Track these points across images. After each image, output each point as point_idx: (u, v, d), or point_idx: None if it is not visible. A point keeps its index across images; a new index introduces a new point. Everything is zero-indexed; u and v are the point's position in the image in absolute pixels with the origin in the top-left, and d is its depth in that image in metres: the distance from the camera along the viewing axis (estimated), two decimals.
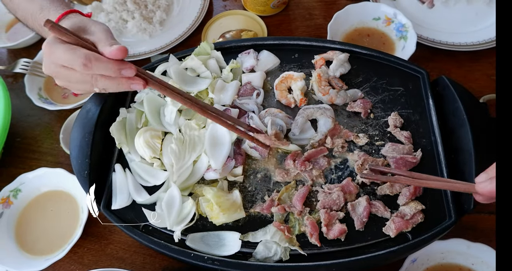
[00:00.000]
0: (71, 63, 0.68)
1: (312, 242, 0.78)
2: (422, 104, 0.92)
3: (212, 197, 0.79)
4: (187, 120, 0.90)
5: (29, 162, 1.16)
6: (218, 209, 0.78)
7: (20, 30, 1.38)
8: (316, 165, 0.85)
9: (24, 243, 1.00)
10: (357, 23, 1.22)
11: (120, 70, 0.68)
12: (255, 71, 0.99)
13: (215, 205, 0.78)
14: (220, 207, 0.78)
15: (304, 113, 0.90)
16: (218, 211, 0.78)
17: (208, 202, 0.80)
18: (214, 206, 0.78)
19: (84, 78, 0.70)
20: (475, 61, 1.17)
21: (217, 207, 0.78)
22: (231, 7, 1.40)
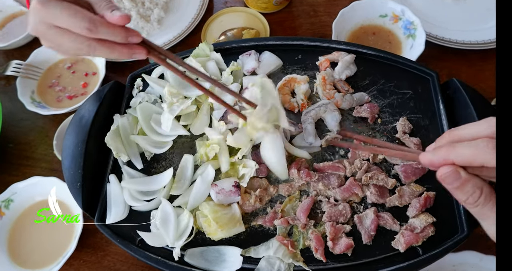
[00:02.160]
0: (71, 25, 0.61)
1: (317, 258, 0.74)
2: (432, 109, 0.87)
3: (209, 212, 0.75)
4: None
5: (23, 169, 1.12)
6: (215, 225, 0.74)
7: (12, 30, 1.33)
8: (326, 180, 0.81)
9: (17, 255, 0.97)
10: (363, 20, 1.17)
11: (128, 37, 0.63)
12: (257, 73, 0.94)
13: (213, 221, 0.74)
14: (217, 223, 0.74)
15: (310, 119, 0.86)
16: (216, 227, 0.74)
17: (205, 217, 0.76)
18: (211, 222, 0.74)
19: (79, 43, 0.62)
20: (486, 60, 1.12)
21: (215, 223, 0.74)
22: (232, 4, 1.34)
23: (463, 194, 0.47)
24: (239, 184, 0.79)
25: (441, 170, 0.47)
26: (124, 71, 1.24)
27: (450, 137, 0.50)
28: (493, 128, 0.46)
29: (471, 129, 0.48)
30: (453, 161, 0.47)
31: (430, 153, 0.49)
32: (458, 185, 0.46)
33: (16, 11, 1.37)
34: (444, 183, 0.47)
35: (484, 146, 0.44)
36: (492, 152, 0.43)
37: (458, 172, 0.46)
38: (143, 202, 0.82)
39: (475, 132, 0.47)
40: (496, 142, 0.44)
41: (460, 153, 0.46)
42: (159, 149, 0.87)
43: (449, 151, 0.47)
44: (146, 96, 0.93)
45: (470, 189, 0.46)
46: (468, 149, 0.45)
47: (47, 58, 1.22)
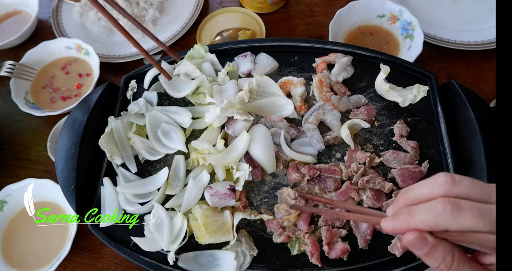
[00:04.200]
0: None
1: (313, 262, 0.73)
2: (430, 111, 0.86)
3: (200, 216, 0.74)
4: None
5: (17, 171, 1.11)
6: (204, 230, 0.73)
7: (6, 30, 1.32)
8: (322, 184, 0.80)
9: (11, 257, 0.96)
10: (361, 20, 1.16)
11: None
12: (253, 75, 0.93)
13: (202, 226, 0.73)
14: (206, 228, 0.73)
15: (312, 125, 0.84)
16: (205, 232, 0.73)
17: (195, 220, 0.75)
18: (201, 226, 0.73)
19: None
20: (485, 61, 1.11)
21: (204, 228, 0.73)
22: (228, 4, 1.33)
23: (434, 261, 0.44)
24: (234, 188, 0.78)
25: (406, 236, 0.44)
26: (118, 72, 1.23)
27: (404, 201, 0.47)
28: (444, 187, 0.43)
29: (423, 190, 0.45)
30: (415, 227, 0.44)
31: (391, 220, 0.46)
32: (427, 251, 0.44)
33: (10, 11, 1.36)
34: (412, 249, 0.45)
35: (441, 210, 0.42)
36: (451, 216, 0.41)
37: (425, 238, 0.43)
38: (137, 205, 0.82)
39: (428, 193, 0.45)
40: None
41: (419, 219, 0.43)
42: (152, 156, 0.86)
43: (408, 217, 0.45)
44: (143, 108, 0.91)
45: (440, 254, 0.44)
46: (427, 214, 0.43)
47: (40, 58, 1.21)
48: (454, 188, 0.43)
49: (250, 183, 0.82)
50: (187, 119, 0.86)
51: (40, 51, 1.21)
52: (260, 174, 0.81)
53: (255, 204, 0.80)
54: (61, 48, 1.22)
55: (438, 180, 0.45)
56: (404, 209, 0.46)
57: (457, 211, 0.41)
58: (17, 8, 1.36)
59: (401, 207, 0.47)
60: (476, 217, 0.40)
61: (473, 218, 0.40)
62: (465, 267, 0.43)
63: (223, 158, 0.79)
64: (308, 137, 0.84)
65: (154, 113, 0.88)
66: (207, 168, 0.81)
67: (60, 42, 1.22)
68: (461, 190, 0.43)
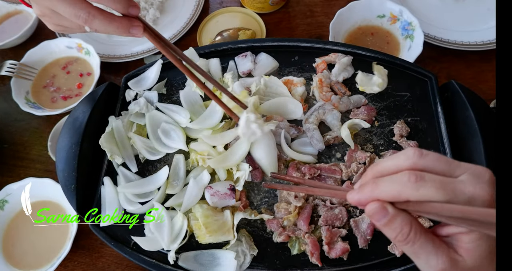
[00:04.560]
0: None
1: (313, 262, 0.73)
2: (430, 111, 0.86)
3: (200, 216, 0.74)
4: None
5: (17, 170, 1.11)
6: (204, 229, 0.73)
7: (6, 30, 1.32)
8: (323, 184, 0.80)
9: (12, 256, 0.96)
10: (361, 21, 1.16)
11: (129, 7, 0.61)
12: (253, 75, 0.93)
13: (202, 225, 0.73)
14: (207, 228, 0.73)
15: (312, 125, 0.84)
16: (205, 231, 0.73)
17: (196, 220, 0.75)
18: (201, 226, 0.74)
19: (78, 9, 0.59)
20: (485, 61, 1.11)
21: (204, 227, 0.73)
22: (228, 4, 1.33)
23: (392, 231, 0.45)
24: (234, 187, 0.78)
25: (368, 206, 0.45)
26: (119, 72, 1.23)
27: (372, 173, 0.49)
28: (412, 159, 0.45)
29: (391, 163, 0.47)
30: (379, 198, 0.45)
31: (356, 192, 0.47)
32: (386, 221, 0.45)
33: (10, 11, 1.36)
34: (372, 219, 0.46)
35: (405, 180, 0.43)
36: (414, 186, 0.42)
37: (385, 208, 0.45)
38: (138, 204, 0.82)
39: (395, 165, 0.46)
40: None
41: (384, 189, 0.45)
42: (152, 155, 0.86)
43: (373, 188, 0.46)
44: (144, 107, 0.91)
45: (398, 225, 0.45)
46: (391, 185, 0.44)
47: (41, 58, 1.21)
48: (421, 160, 0.45)
49: (250, 183, 0.82)
50: (186, 119, 0.86)
51: (41, 51, 1.21)
52: (260, 175, 0.81)
53: (255, 203, 0.81)
54: (61, 48, 1.22)
55: (406, 153, 0.46)
56: (371, 180, 0.47)
57: (421, 181, 0.42)
58: (18, 8, 1.36)
59: (369, 179, 0.48)
60: (438, 188, 0.42)
61: (435, 188, 0.42)
62: (422, 237, 0.45)
63: (223, 161, 0.79)
64: (308, 136, 0.84)
65: (154, 113, 0.89)
66: (208, 168, 0.81)
67: (61, 42, 1.22)
68: (427, 162, 0.44)
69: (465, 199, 0.42)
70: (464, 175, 0.44)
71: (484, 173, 0.44)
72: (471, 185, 0.42)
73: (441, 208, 0.42)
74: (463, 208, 0.41)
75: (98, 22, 0.60)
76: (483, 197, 0.42)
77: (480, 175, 0.43)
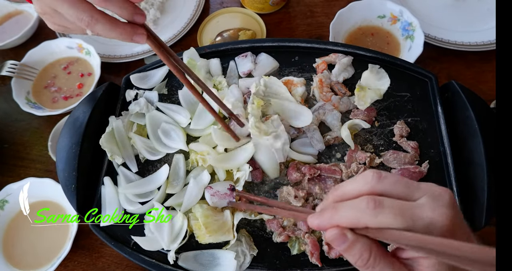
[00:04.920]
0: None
1: (313, 262, 0.73)
2: (430, 111, 0.86)
3: (200, 216, 0.74)
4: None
5: (18, 170, 1.11)
6: (204, 229, 0.73)
7: (7, 30, 1.32)
8: (322, 184, 0.80)
9: (12, 256, 0.96)
10: (361, 21, 1.16)
11: (134, 14, 0.59)
12: (253, 75, 0.93)
13: (202, 225, 0.73)
14: (206, 228, 0.73)
15: (312, 125, 0.84)
16: (205, 231, 0.73)
17: (197, 220, 0.75)
18: (201, 226, 0.73)
19: (81, 11, 0.57)
20: (485, 62, 1.11)
21: (204, 227, 0.73)
22: (229, 5, 1.33)
23: (351, 256, 0.45)
24: (234, 188, 0.78)
25: (328, 233, 0.45)
26: (119, 72, 1.23)
27: (333, 197, 0.49)
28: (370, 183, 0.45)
29: (351, 187, 0.47)
30: (338, 224, 0.45)
31: (316, 216, 0.47)
32: (345, 247, 0.44)
33: (11, 11, 1.36)
34: (332, 245, 0.46)
35: (364, 206, 0.43)
36: (373, 213, 0.42)
37: (345, 235, 0.44)
38: (138, 204, 0.82)
39: (354, 190, 0.46)
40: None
41: (343, 215, 0.44)
42: (152, 155, 0.86)
43: (333, 213, 0.45)
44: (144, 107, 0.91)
45: (358, 251, 0.44)
46: (350, 211, 0.44)
47: (42, 58, 1.21)
48: (379, 184, 0.45)
49: (250, 183, 0.82)
50: (186, 118, 0.87)
51: (42, 51, 1.21)
52: (260, 176, 0.81)
53: (255, 203, 0.80)
54: (62, 48, 1.22)
55: (366, 175, 0.46)
56: (331, 205, 0.47)
57: (379, 208, 0.42)
58: (19, 8, 1.36)
59: (330, 204, 0.48)
60: (396, 215, 0.42)
61: (393, 215, 0.42)
62: (381, 262, 0.45)
63: (223, 161, 0.79)
64: (308, 137, 0.84)
65: (154, 114, 0.89)
66: (208, 168, 0.81)
67: (62, 42, 1.22)
68: (386, 185, 0.44)
69: (424, 225, 0.41)
70: (424, 197, 0.43)
71: (444, 194, 0.44)
72: (430, 210, 0.42)
73: (399, 236, 0.42)
74: (419, 237, 0.41)
75: (101, 26, 0.59)
76: (441, 222, 0.41)
77: (440, 197, 0.43)
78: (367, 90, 0.86)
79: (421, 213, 0.42)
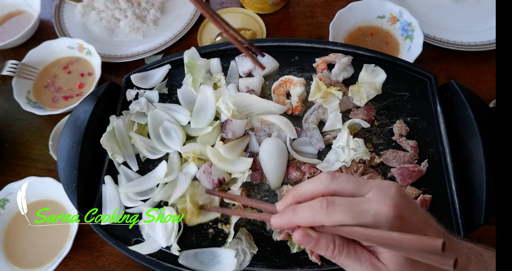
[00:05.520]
0: None
1: (313, 260, 0.74)
2: (429, 111, 0.87)
3: (188, 194, 0.77)
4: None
5: (18, 169, 1.11)
6: (192, 207, 0.75)
7: (8, 30, 1.32)
8: None
9: (13, 255, 0.96)
10: (361, 21, 1.17)
11: None
12: (253, 75, 0.94)
13: (189, 203, 0.75)
14: (194, 205, 0.75)
15: (312, 124, 0.85)
16: (192, 210, 0.75)
17: (183, 203, 0.77)
18: (187, 205, 0.75)
19: None
20: (485, 62, 1.12)
21: (191, 205, 0.75)
22: (229, 5, 1.34)
23: (320, 250, 0.49)
24: (222, 183, 0.79)
25: (294, 235, 0.50)
26: (119, 72, 1.23)
27: (292, 196, 0.53)
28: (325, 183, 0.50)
29: (308, 186, 0.51)
30: (298, 224, 0.49)
31: (278, 217, 0.52)
32: (313, 245, 0.49)
33: (12, 11, 1.37)
34: (302, 245, 0.51)
35: (319, 207, 0.47)
36: (326, 212, 0.46)
37: (309, 234, 0.49)
38: (139, 202, 0.82)
39: (311, 189, 0.51)
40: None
41: (301, 216, 0.49)
42: (152, 154, 0.86)
43: (293, 214, 0.50)
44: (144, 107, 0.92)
45: (324, 245, 0.49)
46: (308, 211, 0.49)
47: (42, 58, 1.22)
48: (332, 184, 0.49)
49: (251, 182, 0.82)
50: (186, 117, 0.87)
51: (42, 51, 1.21)
52: (260, 178, 0.82)
53: (229, 205, 0.81)
54: (63, 48, 1.23)
55: (321, 176, 0.51)
56: (290, 207, 0.52)
57: (331, 207, 0.47)
58: (20, 8, 1.37)
59: (289, 203, 0.53)
60: (346, 212, 0.46)
61: (343, 212, 0.46)
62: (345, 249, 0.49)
63: (224, 162, 0.80)
64: (308, 136, 0.85)
65: (156, 112, 0.89)
66: (197, 162, 0.82)
67: (62, 42, 1.22)
68: (338, 184, 0.49)
69: (371, 218, 0.45)
70: (371, 192, 0.47)
71: (389, 187, 0.47)
72: (376, 202, 0.45)
73: (351, 232, 0.46)
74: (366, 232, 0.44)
75: None
76: (386, 212, 0.44)
77: (385, 189, 0.47)
78: (361, 85, 0.86)
79: (368, 207, 0.45)
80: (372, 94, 0.86)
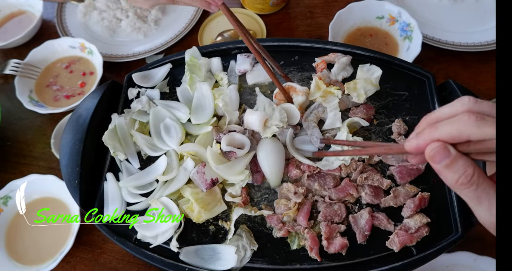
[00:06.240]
0: None
1: (312, 257, 0.74)
2: (428, 110, 0.88)
3: (190, 194, 0.77)
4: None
5: (21, 167, 1.12)
6: (198, 207, 0.76)
7: (10, 30, 1.34)
8: (322, 180, 0.81)
9: (15, 252, 0.97)
10: (360, 22, 1.18)
11: None
12: (247, 75, 0.95)
13: (195, 203, 0.76)
14: (199, 204, 0.76)
15: (312, 123, 0.86)
16: (199, 209, 0.76)
17: (187, 203, 0.78)
18: (193, 205, 0.76)
19: None
20: (483, 62, 1.13)
21: (197, 204, 0.76)
22: (229, 5, 1.33)
23: (454, 173, 0.43)
24: (215, 183, 0.80)
25: (428, 147, 0.44)
26: (120, 71, 1.25)
27: (427, 121, 0.48)
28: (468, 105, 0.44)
29: (447, 109, 0.46)
30: (439, 139, 0.43)
31: (414, 138, 0.46)
32: (448, 162, 0.43)
33: (14, 11, 1.38)
34: (433, 161, 0.44)
35: (466, 119, 0.42)
36: (475, 124, 0.41)
37: (447, 148, 0.43)
38: (140, 197, 0.83)
39: (450, 111, 0.46)
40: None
41: (444, 130, 0.43)
42: (154, 152, 0.87)
43: (432, 130, 0.44)
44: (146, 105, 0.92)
45: (461, 166, 0.43)
46: (451, 125, 0.43)
47: (45, 57, 1.23)
48: (476, 106, 0.44)
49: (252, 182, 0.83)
50: (185, 114, 0.88)
51: (44, 50, 1.23)
52: (261, 180, 0.83)
53: (255, 199, 0.82)
54: (65, 47, 1.24)
55: (462, 99, 0.45)
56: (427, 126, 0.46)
57: (481, 120, 0.41)
58: (22, 8, 1.38)
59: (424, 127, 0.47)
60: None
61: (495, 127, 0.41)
62: (485, 182, 0.43)
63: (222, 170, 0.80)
64: (308, 134, 0.86)
65: (158, 109, 0.90)
66: (194, 159, 0.83)
67: (64, 42, 1.24)
68: (483, 107, 0.44)
69: None
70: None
71: None
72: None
73: None
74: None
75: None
76: None
77: None
78: (357, 81, 0.87)
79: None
80: (370, 90, 0.87)
